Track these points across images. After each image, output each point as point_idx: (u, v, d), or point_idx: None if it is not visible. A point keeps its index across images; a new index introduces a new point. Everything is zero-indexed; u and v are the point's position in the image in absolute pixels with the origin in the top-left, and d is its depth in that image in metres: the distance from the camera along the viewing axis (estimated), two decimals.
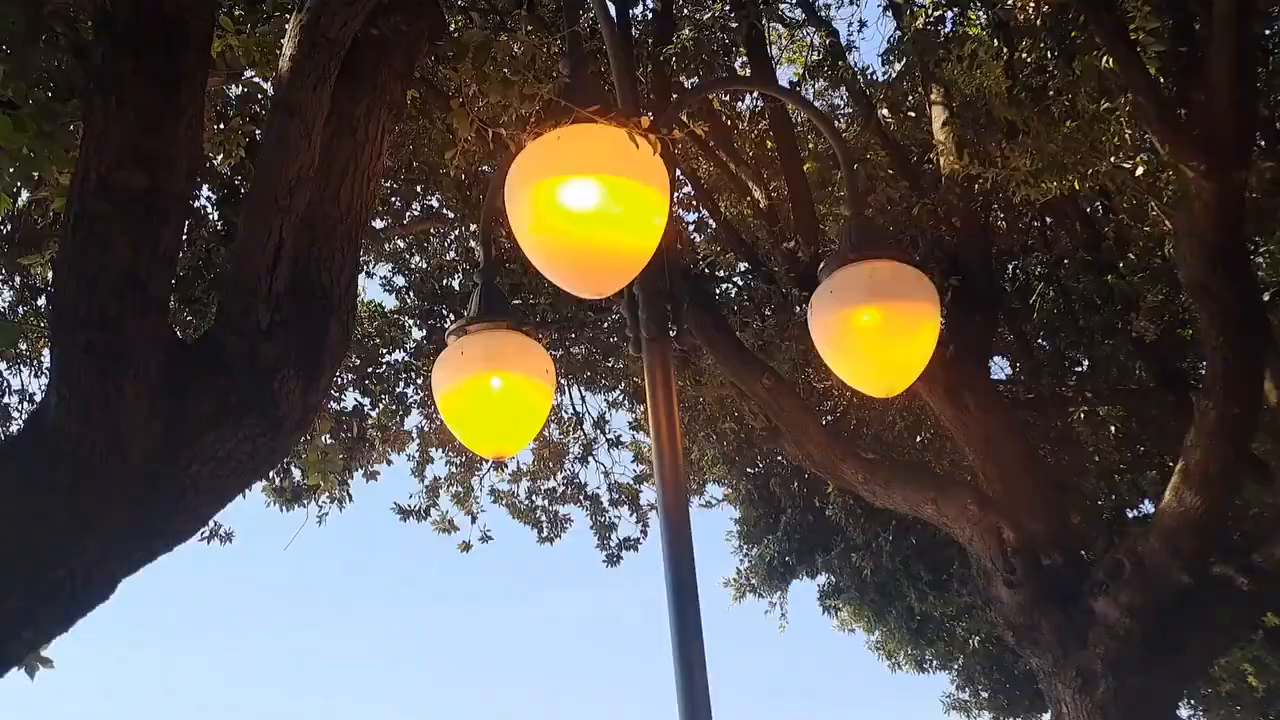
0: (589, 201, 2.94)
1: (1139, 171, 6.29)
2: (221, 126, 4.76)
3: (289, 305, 3.03)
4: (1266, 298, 7.77)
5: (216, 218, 5.95)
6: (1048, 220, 10.17)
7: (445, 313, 9.10)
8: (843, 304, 3.50)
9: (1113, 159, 6.20)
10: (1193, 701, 12.45)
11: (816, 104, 10.53)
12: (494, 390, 3.53)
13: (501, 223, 3.61)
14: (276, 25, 3.94)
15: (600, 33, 4.97)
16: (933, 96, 8.06)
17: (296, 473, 7.92)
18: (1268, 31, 8.20)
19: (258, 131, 4.53)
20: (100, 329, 2.69)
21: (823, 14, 9.13)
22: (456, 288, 9.26)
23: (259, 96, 4.80)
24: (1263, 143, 8.04)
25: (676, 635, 3.06)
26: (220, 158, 3.91)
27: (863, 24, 11.44)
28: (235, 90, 5.01)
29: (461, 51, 3.82)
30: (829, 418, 10.74)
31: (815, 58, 8.90)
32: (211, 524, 7.70)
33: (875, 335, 3.52)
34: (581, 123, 2.96)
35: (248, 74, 4.24)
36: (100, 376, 2.71)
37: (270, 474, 8.28)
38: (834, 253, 3.61)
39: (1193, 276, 5.94)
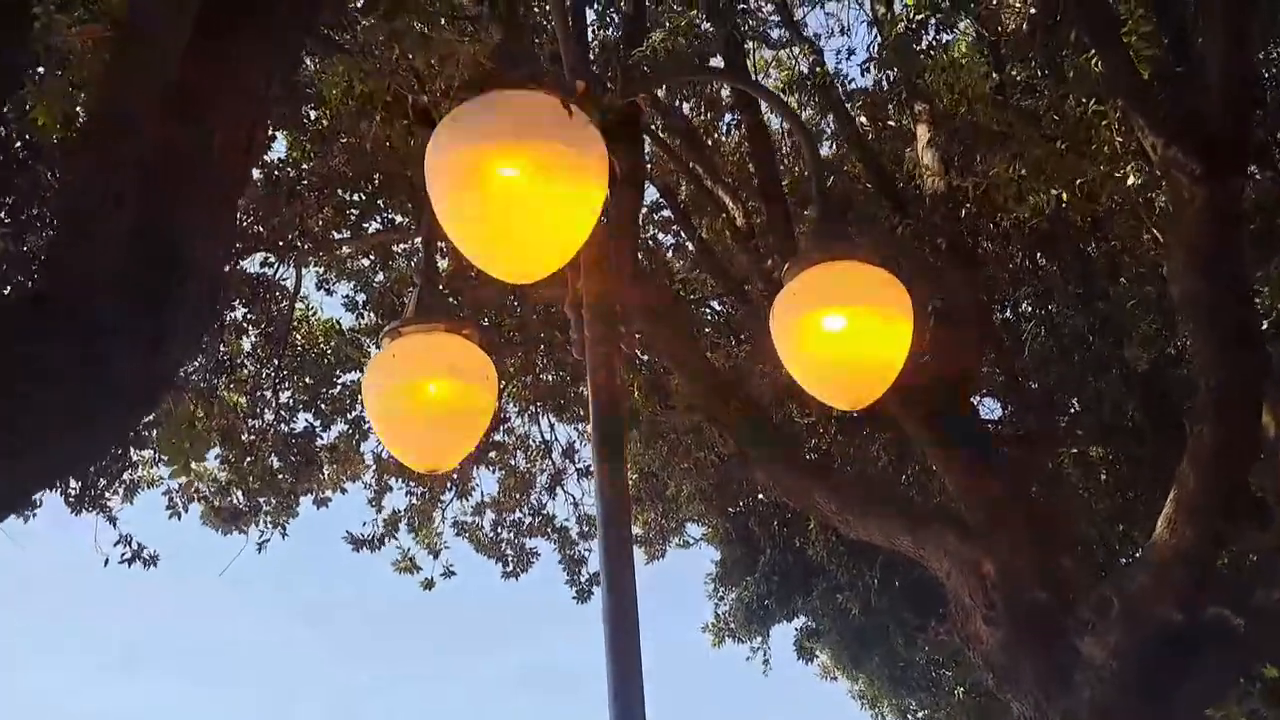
0: (514, 173, 2.62)
1: (1130, 181, 5.93)
2: None
3: (132, 258, 2.62)
4: (1265, 326, 7.40)
5: None
6: (1039, 256, 9.89)
7: None
8: (805, 307, 3.21)
9: (1102, 167, 5.85)
10: None
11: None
12: (428, 397, 3.24)
13: None
14: None
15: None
16: (916, 110, 7.75)
17: (237, 494, 7.49)
18: (1266, 75, 7.95)
19: None
20: None
21: (811, 38, 8.88)
22: None
23: None
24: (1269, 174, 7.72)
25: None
26: None
27: (851, 51, 11.13)
28: None
29: (373, 3, 3.45)
30: (813, 454, 10.37)
31: (800, 71, 8.63)
32: (135, 545, 7.24)
33: (840, 341, 3.24)
34: (510, 88, 2.67)
35: None
36: None
37: (215, 495, 7.86)
38: (797, 254, 3.29)
39: (1185, 290, 5.53)
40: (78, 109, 3.63)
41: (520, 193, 2.62)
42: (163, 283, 2.67)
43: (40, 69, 4.07)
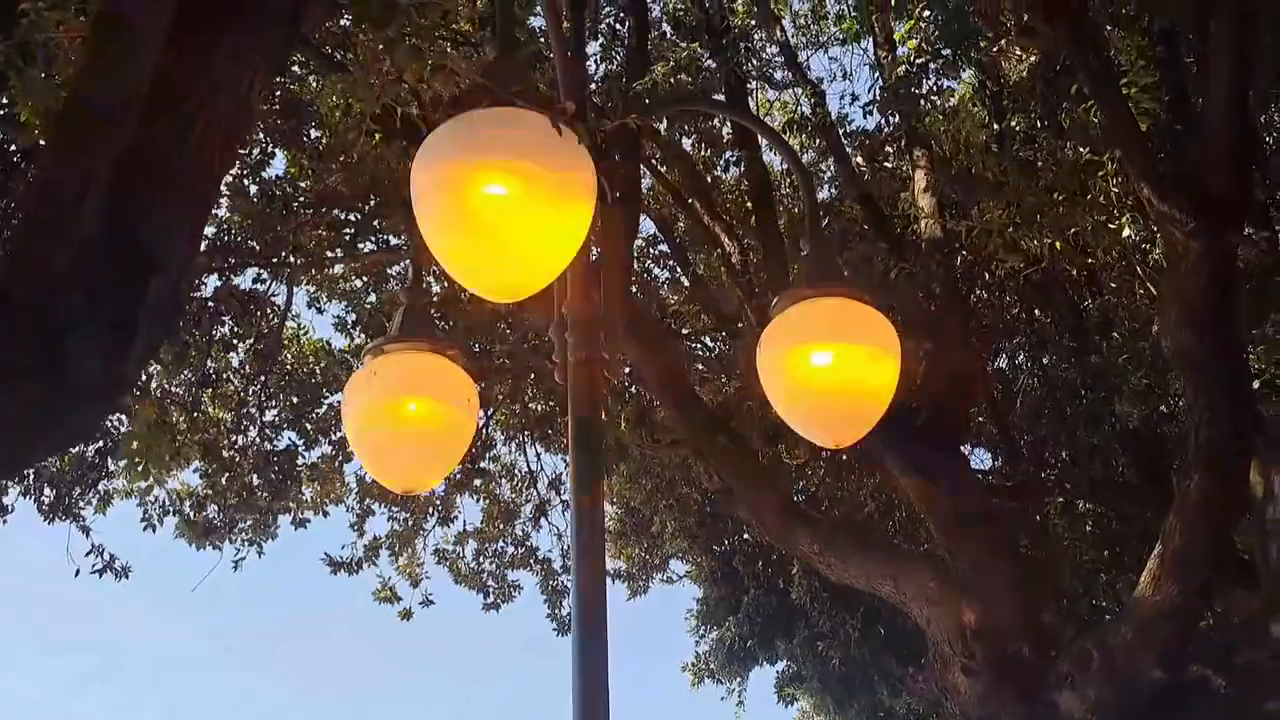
0: (501, 190, 2.61)
1: (1125, 233, 5.89)
2: None
3: (98, 253, 2.55)
4: (1257, 386, 7.35)
5: None
6: (1034, 308, 9.84)
7: None
8: (793, 341, 3.16)
9: (1097, 216, 5.81)
10: None
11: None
12: (407, 417, 3.19)
13: None
14: None
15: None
16: (915, 156, 7.74)
17: (212, 509, 7.39)
18: (1268, 138, 7.95)
19: None
20: None
21: (813, 80, 8.90)
22: None
23: None
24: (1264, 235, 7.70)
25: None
26: None
27: (854, 98, 11.16)
28: None
29: (365, 10, 3.41)
30: (800, 497, 10.27)
31: (801, 112, 8.63)
32: (106, 555, 7.14)
33: (827, 377, 3.18)
34: (500, 105, 2.63)
35: None
36: None
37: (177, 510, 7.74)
38: (788, 289, 3.23)
39: (1177, 345, 5.48)
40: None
41: (505, 211, 2.59)
42: (129, 280, 2.61)
43: (33, 69, 4.04)
